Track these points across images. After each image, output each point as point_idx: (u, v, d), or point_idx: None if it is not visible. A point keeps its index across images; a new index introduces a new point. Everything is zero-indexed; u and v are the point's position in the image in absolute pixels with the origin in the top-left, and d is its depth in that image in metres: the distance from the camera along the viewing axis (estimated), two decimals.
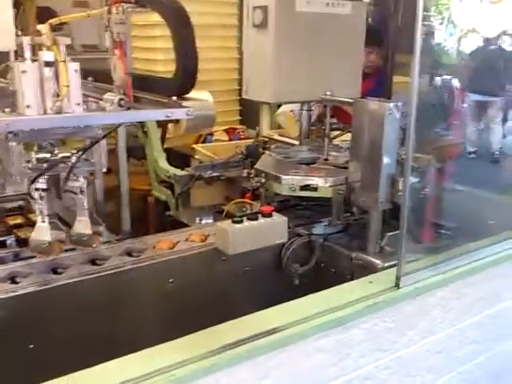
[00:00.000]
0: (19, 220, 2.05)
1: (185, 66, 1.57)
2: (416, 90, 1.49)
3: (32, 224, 1.99)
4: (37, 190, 1.55)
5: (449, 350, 1.76)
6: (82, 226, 1.65)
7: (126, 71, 1.55)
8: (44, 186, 1.55)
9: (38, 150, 1.53)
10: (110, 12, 1.53)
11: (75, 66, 1.39)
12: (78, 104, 1.39)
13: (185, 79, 1.59)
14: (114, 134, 2.22)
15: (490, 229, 2.02)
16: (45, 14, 2.61)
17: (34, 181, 1.54)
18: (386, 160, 1.78)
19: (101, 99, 1.53)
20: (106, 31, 1.56)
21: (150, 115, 1.65)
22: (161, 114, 1.48)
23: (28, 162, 1.52)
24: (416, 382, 1.71)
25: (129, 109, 1.51)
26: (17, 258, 1.72)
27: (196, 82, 1.61)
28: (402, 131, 1.73)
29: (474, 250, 1.82)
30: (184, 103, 1.54)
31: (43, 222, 1.59)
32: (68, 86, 1.37)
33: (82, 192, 1.62)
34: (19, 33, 1.93)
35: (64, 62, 1.38)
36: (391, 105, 1.76)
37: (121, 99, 1.49)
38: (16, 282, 1.58)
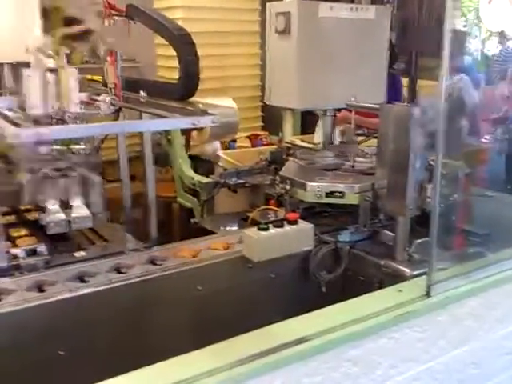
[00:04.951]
0: None
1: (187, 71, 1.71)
2: (444, 94, 1.46)
3: None
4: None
5: (481, 360, 1.71)
6: (80, 209, 1.77)
7: (117, 75, 1.74)
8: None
9: None
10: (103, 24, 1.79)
11: (74, 71, 1.59)
12: (76, 104, 1.59)
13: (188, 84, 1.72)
14: (140, 141, 2.25)
15: None
16: (72, 24, 2.64)
17: None
18: (413, 166, 1.75)
19: None
20: (100, 41, 1.81)
21: (177, 123, 1.67)
22: (187, 121, 1.49)
23: None
24: None
25: (120, 108, 1.74)
26: (48, 265, 1.74)
27: (217, 89, 1.64)
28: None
29: (506, 258, 1.78)
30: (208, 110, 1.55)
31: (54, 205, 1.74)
32: (67, 89, 1.57)
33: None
34: None
35: (64, 68, 1.58)
36: (418, 109, 1.73)
37: (112, 99, 1.71)
38: (43, 290, 1.59)
